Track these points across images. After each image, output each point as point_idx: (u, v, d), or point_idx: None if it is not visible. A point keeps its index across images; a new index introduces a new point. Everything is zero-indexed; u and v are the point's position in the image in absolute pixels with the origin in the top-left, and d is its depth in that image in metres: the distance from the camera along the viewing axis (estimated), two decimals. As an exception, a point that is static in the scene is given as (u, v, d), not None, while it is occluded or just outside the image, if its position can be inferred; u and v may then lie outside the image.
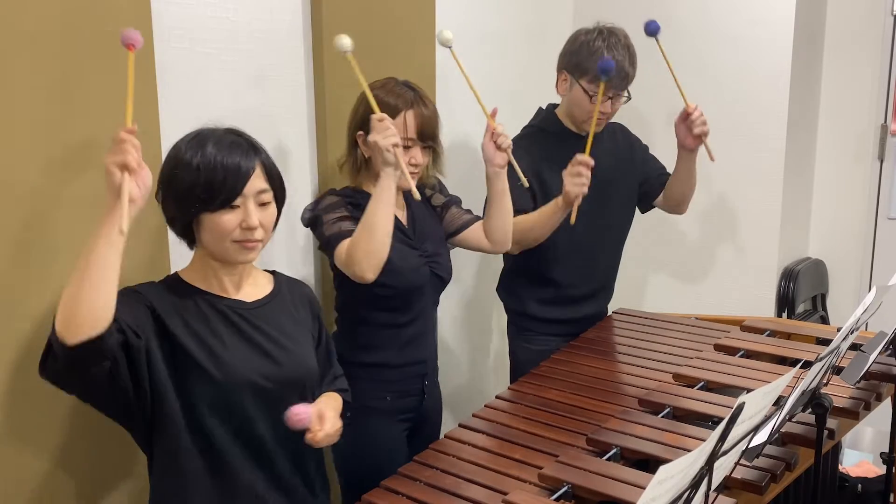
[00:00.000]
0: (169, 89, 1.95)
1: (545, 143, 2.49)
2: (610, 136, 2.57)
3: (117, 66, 1.80)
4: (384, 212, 1.86)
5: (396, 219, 2.05)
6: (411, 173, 1.97)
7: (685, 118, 2.42)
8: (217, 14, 2.06)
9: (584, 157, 2.22)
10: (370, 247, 1.86)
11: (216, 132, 1.61)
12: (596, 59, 2.32)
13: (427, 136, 2.03)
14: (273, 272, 1.77)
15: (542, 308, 2.55)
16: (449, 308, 2.96)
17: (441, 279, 2.16)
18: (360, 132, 2.03)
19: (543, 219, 2.32)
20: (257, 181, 1.59)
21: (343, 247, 1.93)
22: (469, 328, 3.11)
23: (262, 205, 1.60)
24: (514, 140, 2.54)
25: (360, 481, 2.08)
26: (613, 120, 2.58)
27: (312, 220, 2.04)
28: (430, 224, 2.19)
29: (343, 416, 1.88)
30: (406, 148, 1.99)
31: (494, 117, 2.11)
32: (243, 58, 2.14)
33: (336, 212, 2.00)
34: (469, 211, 2.28)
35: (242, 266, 1.65)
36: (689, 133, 2.41)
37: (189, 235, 1.63)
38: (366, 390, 2.06)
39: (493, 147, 2.09)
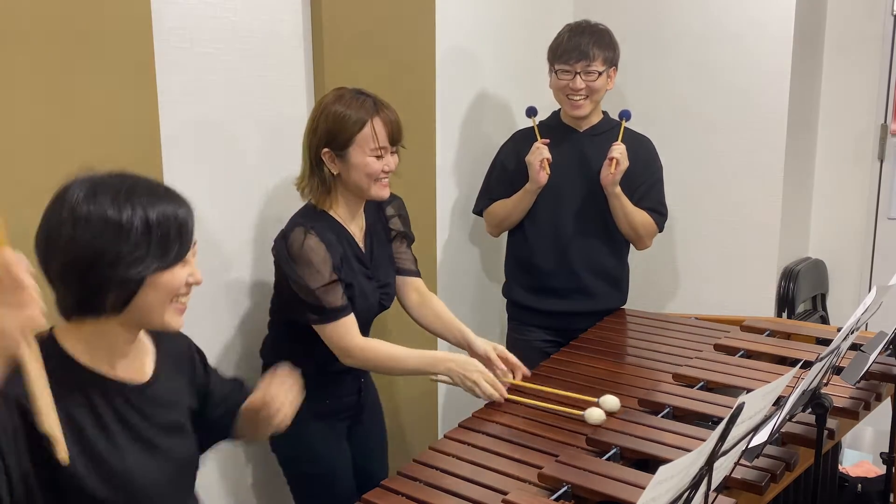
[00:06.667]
0: (169, 89, 1.95)
1: (545, 135, 2.58)
2: (619, 136, 2.56)
3: (117, 65, 1.81)
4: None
5: (356, 246, 2.06)
6: (383, 180, 2.00)
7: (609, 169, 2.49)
8: (217, 14, 2.06)
9: (538, 143, 2.51)
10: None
11: (110, 177, 1.32)
12: (559, 42, 2.51)
13: (397, 139, 2.01)
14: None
15: (526, 296, 2.67)
16: (452, 309, 2.95)
17: (384, 307, 2.17)
18: (326, 149, 1.96)
19: (514, 203, 2.58)
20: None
21: (338, 331, 1.97)
22: (471, 328, 3.10)
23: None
24: (518, 134, 2.67)
25: (307, 481, 2.15)
26: (644, 133, 2.62)
27: (286, 267, 1.96)
28: (383, 248, 2.18)
29: None
30: (378, 158, 1.97)
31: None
32: (243, 58, 2.14)
33: (319, 275, 1.93)
34: (415, 260, 2.27)
35: (140, 336, 1.42)
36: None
37: (104, 304, 1.30)
38: (305, 395, 1.99)
39: None
